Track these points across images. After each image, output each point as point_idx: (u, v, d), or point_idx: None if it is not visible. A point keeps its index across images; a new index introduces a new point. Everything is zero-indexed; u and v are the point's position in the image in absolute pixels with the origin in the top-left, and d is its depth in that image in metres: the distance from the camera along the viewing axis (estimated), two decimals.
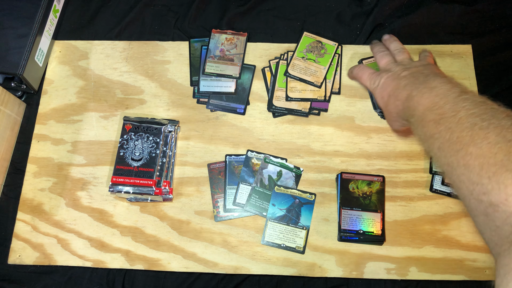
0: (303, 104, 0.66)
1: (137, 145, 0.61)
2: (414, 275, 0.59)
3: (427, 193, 0.62)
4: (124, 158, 0.61)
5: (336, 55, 0.68)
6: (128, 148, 0.62)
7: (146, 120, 0.64)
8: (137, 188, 0.60)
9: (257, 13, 0.74)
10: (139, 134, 0.62)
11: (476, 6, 0.73)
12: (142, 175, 0.60)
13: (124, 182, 0.60)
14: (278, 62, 0.69)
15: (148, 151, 0.61)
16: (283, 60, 0.69)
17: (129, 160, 0.61)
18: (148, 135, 0.62)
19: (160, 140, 0.61)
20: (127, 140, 0.62)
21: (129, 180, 0.60)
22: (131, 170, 0.60)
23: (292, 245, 0.60)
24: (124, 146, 0.62)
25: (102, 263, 0.60)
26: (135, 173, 0.60)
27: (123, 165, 0.61)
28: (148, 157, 0.61)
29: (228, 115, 0.67)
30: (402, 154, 0.64)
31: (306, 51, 0.68)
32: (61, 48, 0.72)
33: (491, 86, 0.68)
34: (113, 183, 0.60)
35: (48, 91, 0.69)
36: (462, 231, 0.60)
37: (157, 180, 0.60)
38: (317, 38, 0.69)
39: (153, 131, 0.62)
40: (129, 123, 0.63)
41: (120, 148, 0.62)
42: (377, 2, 0.73)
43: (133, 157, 0.61)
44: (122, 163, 0.61)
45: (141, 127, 0.62)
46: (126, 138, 0.62)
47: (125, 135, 0.62)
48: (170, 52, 0.71)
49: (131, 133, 0.62)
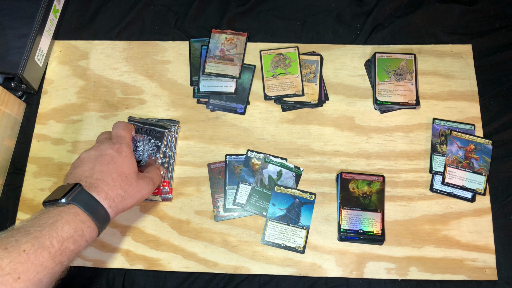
0: (311, 96, 0.66)
1: (138, 146, 0.61)
2: (414, 275, 0.59)
3: (427, 193, 0.62)
4: None
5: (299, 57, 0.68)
6: None
7: (150, 122, 0.63)
8: None
9: (257, 13, 0.74)
10: (141, 136, 0.61)
11: (476, 6, 0.73)
12: None
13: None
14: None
15: (147, 154, 0.61)
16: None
17: None
18: (150, 138, 0.62)
19: (162, 144, 0.61)
20: None
21: None
22: None
23: (292, 245, 0.60)
24: None
25: (102, 263, 0.60)
26: None
27: None
28: (147, 160, 0.60)
29: (228, 115, 0.67)
30: (402, 154, 0.64)
31: (273, 68, 0.68)
32: (61, 48, 0.72)
33: (491, 86, 0.68)
34: None
35: (48, 91, 0.69)
36: (462, 231, 0.60)
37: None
38: (275, 52, 0.69)
39: (156, 134, 0.62)
40: (132, 124, 0.63)
41: None
42: (377, 2, 0.73)
43: None
44: None
45: (144, 129, 0.62)
46: None
47: None
48: (170, 52, 0.71)
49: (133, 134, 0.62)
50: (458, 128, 0.65)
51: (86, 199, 0.45)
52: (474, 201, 0.62)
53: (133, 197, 0.50)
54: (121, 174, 0.50)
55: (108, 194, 0.47)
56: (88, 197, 0.45)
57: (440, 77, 0.68)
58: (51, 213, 0.43)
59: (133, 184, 0.50)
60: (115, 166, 0.50)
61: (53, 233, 0.41)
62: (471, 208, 0.61)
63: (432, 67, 0.69)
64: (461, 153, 0.63)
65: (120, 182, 0.49)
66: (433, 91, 0.67)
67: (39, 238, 0.40)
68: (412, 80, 0.67)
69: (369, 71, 0.69)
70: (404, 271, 0.59)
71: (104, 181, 0.48)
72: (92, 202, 0.46)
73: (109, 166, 0.50)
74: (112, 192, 0.48)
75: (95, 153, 0.51)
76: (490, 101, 0.67)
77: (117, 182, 0.49)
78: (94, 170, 0.49)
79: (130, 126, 0.58)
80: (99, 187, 0.47)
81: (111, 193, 0.47)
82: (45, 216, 0.42)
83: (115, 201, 0.48)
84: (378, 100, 0.66)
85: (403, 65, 0.68)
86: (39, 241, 0.39)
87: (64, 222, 0.42)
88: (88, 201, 0.45)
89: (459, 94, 0.67)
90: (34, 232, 0.40)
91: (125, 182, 0.49)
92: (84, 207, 0.44)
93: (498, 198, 0.62)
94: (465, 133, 0.64)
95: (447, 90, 0.67)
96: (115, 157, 0.51)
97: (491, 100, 0.67)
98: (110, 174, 0.49)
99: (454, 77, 0.68)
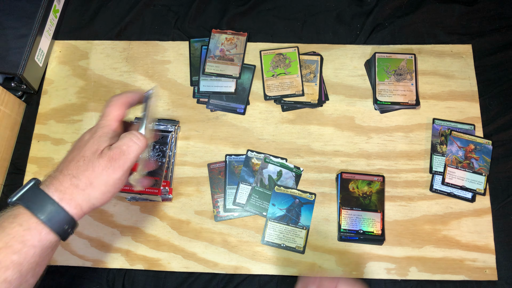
0: (311, 96, 0.66)
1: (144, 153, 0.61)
2: (414, 275, 0.59)
3: (427, 193, 0.62)
4: None
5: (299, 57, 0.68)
6: None
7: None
8: (142, 196, 0.60)
9: (257, 13, 0.74)
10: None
11: (476, 6, 0.73)
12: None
13: (130, 190, 0.59)
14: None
15: (153, 160, 0.61)
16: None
17: None
18: (155, 143, 0.62)
19: (167, 149, 0.61)
20: None
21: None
22: None
23: (292, 245, 0.60)
24: None
25: (102, 263, 0.60)
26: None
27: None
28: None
29: (228, 115, 0.67)
30: (402, 154, 0.64)
31: (273, 68, 0.68)
32: (61, 48, 0.72)
33: (491, 86, 0.68)
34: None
35: (48, 91, 0.69)
36: (462, 231, 0.60)
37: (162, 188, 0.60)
38: (275, 52, 0.69)
39: (159, 139, 0.62)
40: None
41: None
42: (377, 2, 0.73)
43: None
44: None
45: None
46: None
47: None
48: (170, 52, 0.71)
49: None
50: (458, 128, 0.65)
51: (32, 195, 0.39)
52: (474, 201, 0.62)
53: (93, 184, 0.40)
54: (78, 159, 0.41)
55: (60, 185, 0.40)
56: (36, 193, 0.39)
57: (440, 77, 0.68)
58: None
59: (90, 167, 0.40)
60: (77, 151, 0.42)
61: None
62: (471, 208, 0.61)
63: (432, 67, 0.69)
64: (461, 153, 0.63)
65: (74, 169, 0.40)
66: (433, 91, 0.67)
67: None
68: (412, 80, 0.67)
69: (369, 71, 0.69)
70: (404, 271, 0.59)
71: (61, 171, 0.41)
72: (39, 197, 0.39)
73: (73, 153, 0.42)
74: (65, 182, 0.40)
75: (76, 140, 0.44)
76: (490, 101, 0.67)
77: (71, 169, 0.40)
78: (62, 161, 0.42)
79: (121, 99, 0.46)
80: (53, 180, 0.40)
81: (64, 183, 0.40)
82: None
83: (67, 192, 0.39)
84: (378, 100, 0.66)
85: (403, 65, 0.68)
86: None
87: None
88: (34, 197, 0.39)
89: (459, 94, 0.67)
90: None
91: (81, 168, 0.40)
92: (27, 205, 0.38)
93: (498, 198, 0.62)
94: (465, 133, 0.64)
95: (447, 90, 0.67)
96: (84, 141, 0.43)
97: (491, 100, 0.67)
98: (69, 162, 0.41)
99: (454, 77, 0.68)
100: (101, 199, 0.41)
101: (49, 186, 0.40)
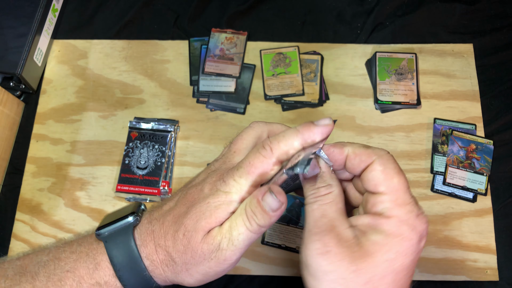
0: (312, 96, 0.66)
1: (143, 153, 0.61)
2: (415, 276, 0.58)
3: (428, 193, 0.62)
4: (129, 166, 0.61)
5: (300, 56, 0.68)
6: (133, 156, 0.61)
7: (151, 128, 0.63)
8: (142, 196, 0.60)
9: (257, 12, 0.74)
10: (144, 143, 0.61)
11: (478, 5, 0.72)
12: (147, 183, 0.60)
13: (129, 190, 0.59)
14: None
15: (153, 160, 0.61)
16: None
17: (134, 169, 0.61)
18: (154, 143, 0.62)
19: (166, 149, 0.61)
20: (133, 148, 0.62)
21: (134, 188, 0.60)
22: (136, 178, 0.60)
23: (293, 246, 0.60)
24: (129, 154, 0.62)
25: None
26: (140, 182, 0.60)
27: (128, 173, 0.61)
28: (154, 166, 0.61)
29: (228, 114, 0.66)
30: (403, 154, 0.64)
31: (273, 68, 0.68)
32: (60, 48, 0.71)
33: (492, 85, 0.68)
34: (118, 191, 0.60)
35: (47, 91, 0.69)
36: (463, 231, 0.60)
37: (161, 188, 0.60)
38: (275, 51, 0.68)
39: (159, 139, 0.62)
40: (134, 131, 0.63)
41: (126, 156, 0.61)
42: (378, 1, 0.73)
43: (138, 166, 0.61)
44: (127, 171, 0.61)
45: (147, 135, 0.62)
46: (132, 146, 0.62)
47: (131, 143, 0.62)
48: (170, 51, 0.70)
49: (137, 141, 0.62)
50: (459, 128, 0.64)
51: (125, 245, 0.31)
52: (476, 201, 0.61)
53: (190, 271, 0.32)
54: (183, 227, 0.32)
55: (154, 251, 0.32)
56: (128, 244, 0.31)
57: (441, 77, 0.68)
58: (68, 252, 0.32)
59: (189, 251, 0.31)
60: (186, 210, 0.32)
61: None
62: (472, 208, 0.61)
63: (433, 66, 0.68)
64: (462, 153, 0.62)
65: (171, 245, 0.32)
66: (434, 91, 0.67)
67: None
68: (413, 80, 0.67)
69: (370, 70, 0.68)
70: None
71: (163, 224, 0.32)
72: (130, 254, 0.31)
73: (180, 207, 0.33)
74: (160, 254, 0.32)
75: (202, 174, 0.36)
76: (491, 101, 0.67)
77: (169, 239, 0.32)
78: (171, 201, 0.34)
79: (280, 149, 0.33)
80: (151, 233, 0.32)
81: (160, 253, 0.32)
82: (59, 257, 0.32)
83: (159, 268, 0.32)
84: (379, 99, 0.66)
85: (404, 65, 0.67)
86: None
87: (69, 277, 0.31)
88: (125, 249, 0.31)
89: (460, 94, 0.67)
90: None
91: (178, 246, 0.31)
92: (115, 259, 0.31)
93: (499, 198, 0.62)
94: (466, 133, 0.63)
95: (448, 90, 0.67)
96: (199, 198, 0.33)
97: (493, 100, 0.67)
98: (174, 221, 0.32)
99: (455, 77, 0.68)
100: (193, 284, 0.33)
101: (146, 245, 0.32)
